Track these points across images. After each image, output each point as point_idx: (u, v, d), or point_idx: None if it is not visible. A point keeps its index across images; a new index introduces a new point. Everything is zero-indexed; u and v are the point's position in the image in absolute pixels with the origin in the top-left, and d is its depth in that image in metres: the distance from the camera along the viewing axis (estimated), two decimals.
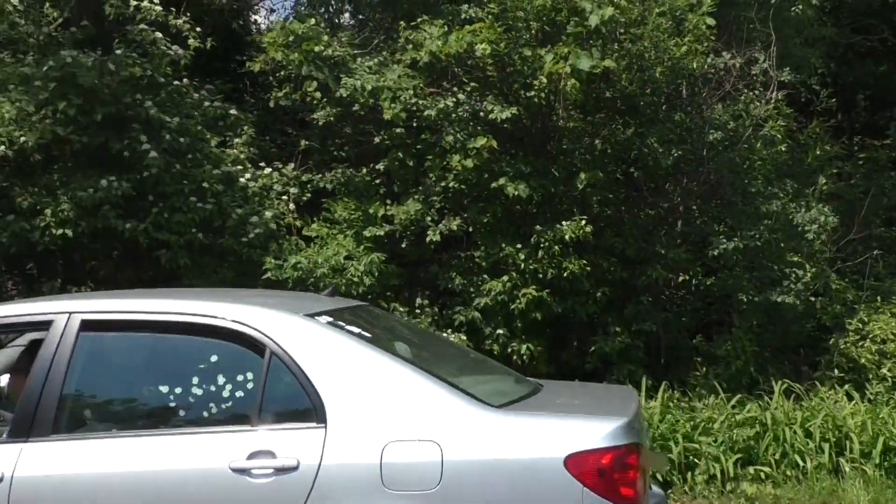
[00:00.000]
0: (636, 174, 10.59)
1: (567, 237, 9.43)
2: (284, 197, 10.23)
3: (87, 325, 4.27)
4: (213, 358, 4.19)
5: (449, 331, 9.62)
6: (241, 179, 9.85)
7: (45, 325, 4.32)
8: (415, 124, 9.98)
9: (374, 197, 10.14)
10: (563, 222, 9.56)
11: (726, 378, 9.64)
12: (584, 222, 9.47)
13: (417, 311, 9.73)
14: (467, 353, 5.43)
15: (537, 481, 3.77)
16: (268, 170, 10.22)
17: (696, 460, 8.07)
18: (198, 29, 10.37)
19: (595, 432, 3.83)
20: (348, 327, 4.27)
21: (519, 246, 9.63)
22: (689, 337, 10.50)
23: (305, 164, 10.80)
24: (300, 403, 3.97)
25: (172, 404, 4.16)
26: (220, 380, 4.12)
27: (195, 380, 4.15)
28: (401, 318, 5.49)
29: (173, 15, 10.27)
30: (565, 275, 9.51)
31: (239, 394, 4.08)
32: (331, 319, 4.29)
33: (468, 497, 3.76)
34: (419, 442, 3.82)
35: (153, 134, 9.31)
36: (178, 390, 4.16)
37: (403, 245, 9.99)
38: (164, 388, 4.19)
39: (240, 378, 4.10)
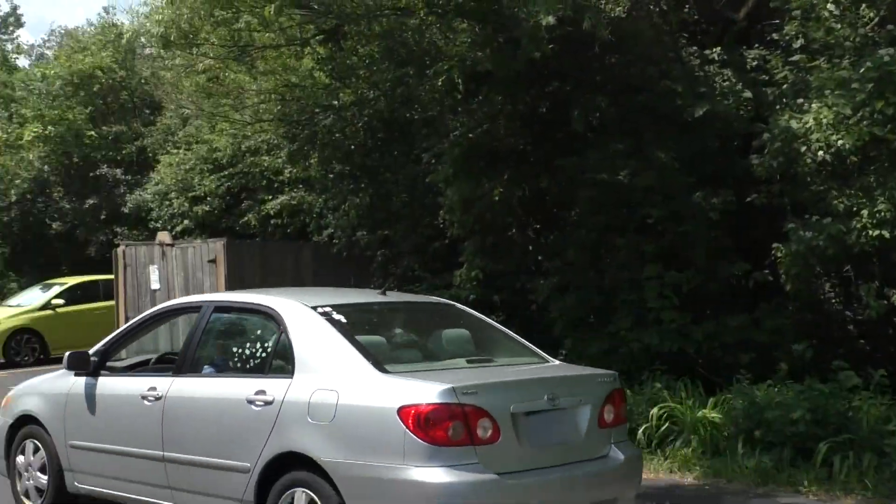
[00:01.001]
0: None
1: None
2: None
3: (205, 309, 7.12)
4: (259, 331, 6.81)
5: None
6: None
7: (196, 309, 7.29)
8: None
9: None
10: None
11: None
12: None
13: None
14: (497, 344, 7.11)
15: (382, 423, 5.55)
16: None
17: None
18: None
19: (418, 392, 5.55)
20: (335, 316, 6.31)
21: None
22: None
23: None
24: (286, 362, 6.27)
25: (236, 358, 6.87)
26: (259, 344, 6.73)
27: (248, 343, 6.85)
28: (479, 317, 7.41)
29: None
30: None
31: (264, 353, 6.62)
32: (328, 311, 6.37)
33: (346, 429, 5.70)
34: (328, 390, 5.85)
35: None
36: (239, 350, 6.88)
37: None
38: (235, 349, 6.93)
39: (266, 343, 6.62)
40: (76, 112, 24.19)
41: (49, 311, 19.55)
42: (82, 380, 7.45)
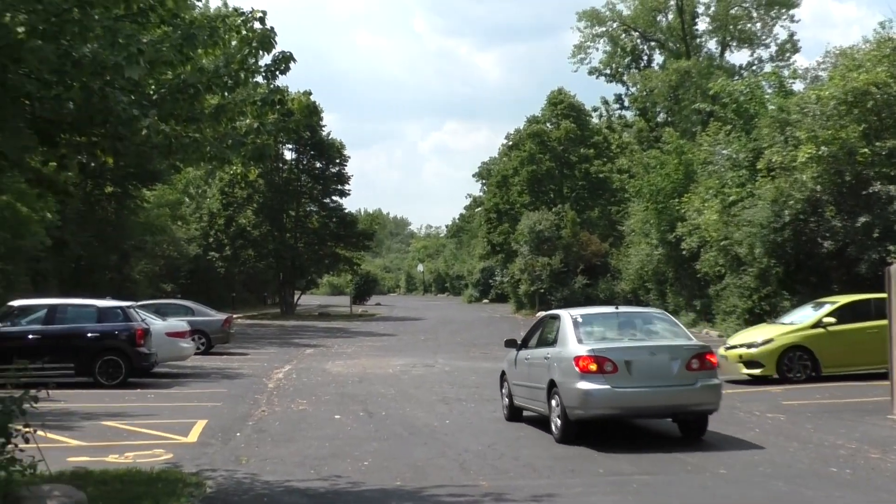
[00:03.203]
0: None
1: None
2: None
3: (547, 318, 15.74)
4: (555, 326, 14.56)
5: None
6: None
7: (544, 318, 16.06)
8: None
9: None
10: None
11: None
12: None
13: None
14: (673, 333, 13.98)
15: (569, 363, 13.21)
16: None
17: None
18: None
19: (581, 349, 13.17)
20: (577, 318, 14.08)
21: None
22: None
23: None
24: (556, 339, 14.21)
25: (544, 339, 14.92)
26: (553, 332, 14.49)
27: (550, 332, 14.75)
28: (671, 318, 14.78)
29: None
30: None
31: (553, 336, 14.46)
32: (575, 315, 14.30)
33: (561, 367, 13.43)
34: (559, 349, 13.80)
35: None
36: (547, 336, 14.80)
37: None
38: (547, 335, 14.80)
39: (555, 331, 14.39)
40: (849, 130, 24.01)
41: (820, 329, 19.72)
42: (515, 352, 15.68)
